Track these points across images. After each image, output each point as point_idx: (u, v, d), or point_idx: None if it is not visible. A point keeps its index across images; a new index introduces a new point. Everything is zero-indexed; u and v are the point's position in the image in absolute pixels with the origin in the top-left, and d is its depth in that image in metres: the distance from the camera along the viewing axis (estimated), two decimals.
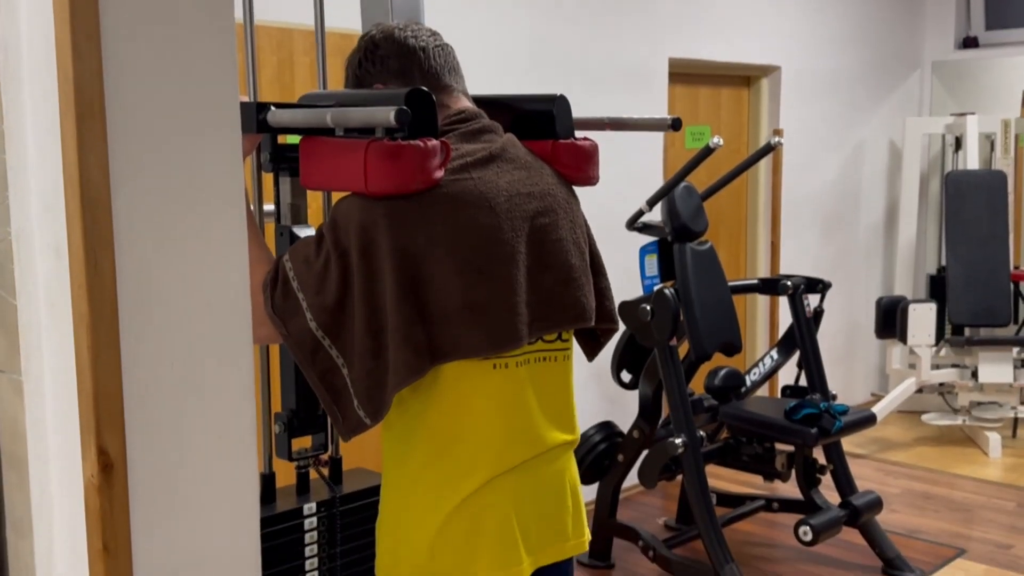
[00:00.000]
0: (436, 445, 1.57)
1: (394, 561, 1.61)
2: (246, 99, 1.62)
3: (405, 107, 1.38)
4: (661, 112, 4.73)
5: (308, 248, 1.52)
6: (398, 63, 1.64)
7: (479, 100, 1.74)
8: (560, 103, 1.71)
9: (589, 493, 4.04)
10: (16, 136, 1.20)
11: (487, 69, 3.93)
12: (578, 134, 1.77)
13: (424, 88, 1.50)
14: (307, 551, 1.91)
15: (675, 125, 1.83)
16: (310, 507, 1.91)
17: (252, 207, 1.79)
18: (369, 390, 1.49)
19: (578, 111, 1.79)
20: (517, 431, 1.60)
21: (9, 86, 1.20)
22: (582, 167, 1.73)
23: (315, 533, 1.92)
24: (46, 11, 1.11)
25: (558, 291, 1.62)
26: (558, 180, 1.69)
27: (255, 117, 1.55)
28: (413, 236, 1.47)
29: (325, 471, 1.99)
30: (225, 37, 1.20)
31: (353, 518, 1.97)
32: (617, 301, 3.57)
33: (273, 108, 1.56)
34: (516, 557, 1.60)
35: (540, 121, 1.72)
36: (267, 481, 1.91)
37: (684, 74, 4.94)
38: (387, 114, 1.37)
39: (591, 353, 1.82)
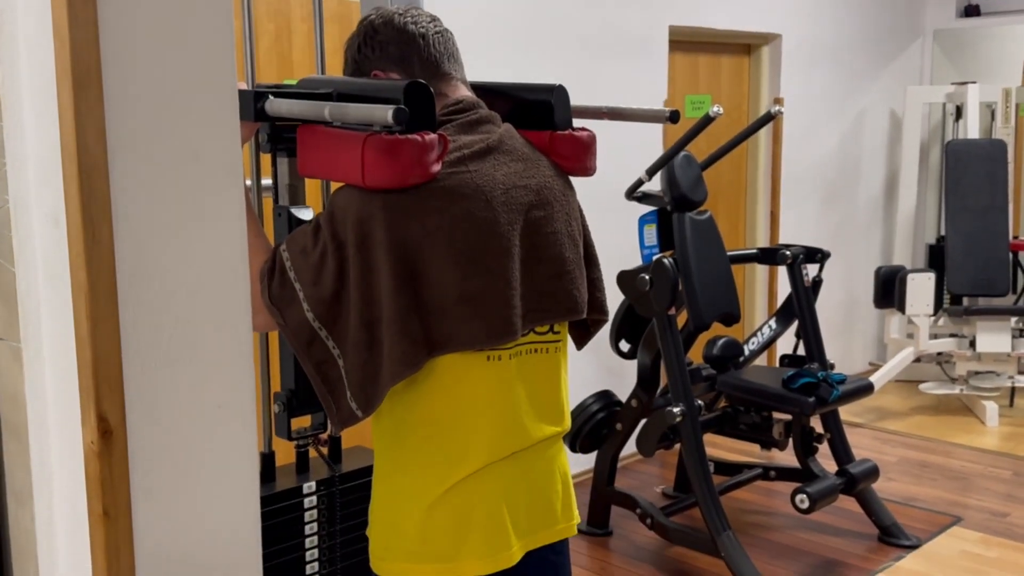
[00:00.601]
0: (427, 434, 1.58)
1: (386, 547, 1.63)
2: (244, 86, 1.61)
3: (403, 106, 1.38)
4: (661, 80, 4.71)
5: (305, 238, 1.52)
6: (397, 49, 1.63)
7: (478, 87, 1.73)
8: (559, 93, 1.71)
9: (587, 461, 4.06)
10: (13, 104, 1.20)
11: (486, 38, 3.90)
12: (576, 123, 1.77)
13: (422, 81, 1.50)
14: (307, 529, 1.92)
15: (673, 118, 1.82)
16: (310, 486, 1.92)
17: (251, 193, 1.79)
18: (363, 382, 1.50)
19: (577, 79, 1.79)
20: (508, 422, 1.61)
21: (6, 53, 1.20)
22: (580, 158, 1.73)
23: (315, 511, 1.93)
24: None
25: (552, 284, 1.63)
26: (555, 172, 1.69)
27: (253, 106, 1.55)
28: (410, 229, 1.48)
29: (324, 450, 2.00)
30: (222, 3, 1.19)
31: (352, 496, 1.99)
32: (616, 271, 3.57)
33: (271, 97, 1.56)
34: (506, 542, 1.61)
35: (538, 111, 1.71)
36: (267, 460, 1.92)
37: (684, 42, 4.91)
38: (385, 113, 1.37)
39: (580, 342, 1.83)
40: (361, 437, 2.79)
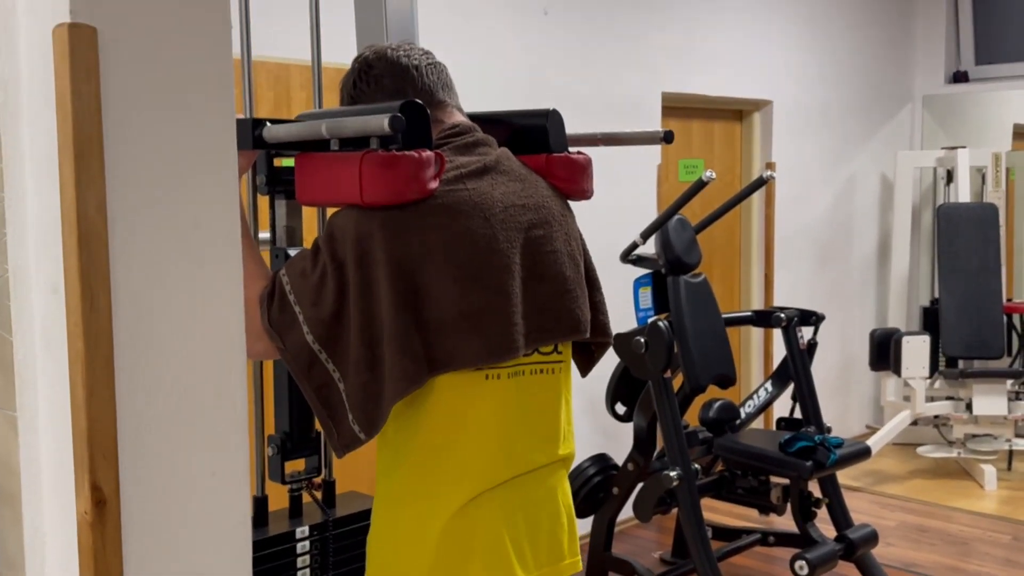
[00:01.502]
0: (426, 456, 1.57)
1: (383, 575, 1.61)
2: (242, 116, 1.63)
3: (399, 114, 1.39)
4: (655, 147, 4.76)
5: (304, 261, 1.52)
6: (392, 82, 1.65)
7: (473, 116, 1.76)
8: (553, 117, 1.73)
9: (584, 526, 4.02)
10: (15, 173, 1.21)
11: (483, 102, 3.95)
12: (571, 149, 1.79)
13: (418, 100, 1.52)
14: (299, 575, 1.90)
15: (667, 137, 1.84)
16: (302, 530, 1.90)
17: (247, 219, 1.79)
18: (364, 403, 1.49)
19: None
20: (509, 444, 1.59)
21: (8, 123, 1.21)
22: (576, 180, 1.74)
23: (307, 557, 1.91)
24: (46, 50, 1.12)
25: (553, 302, 1.63)
26: (553, 193, 1.70)
27: (251, 133, 1.56)
28: (408, 246, 1.48)
29: (318, 494, 1.99)
30: (223, 75, 1.21)
31: (346, 542, 1.96)
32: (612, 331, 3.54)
33: (268, 124, 1.57)
34: (509, 573, 1.59)
35: (534, 135, 1.73)
36: (259, 504, 1.90)
37: (677, 108, 4.98)
38: (381, 121, 1.38)
39: (585, 368, 1.82)
40: (355, 482, 2.76)
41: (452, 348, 1.50)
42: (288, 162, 1.81)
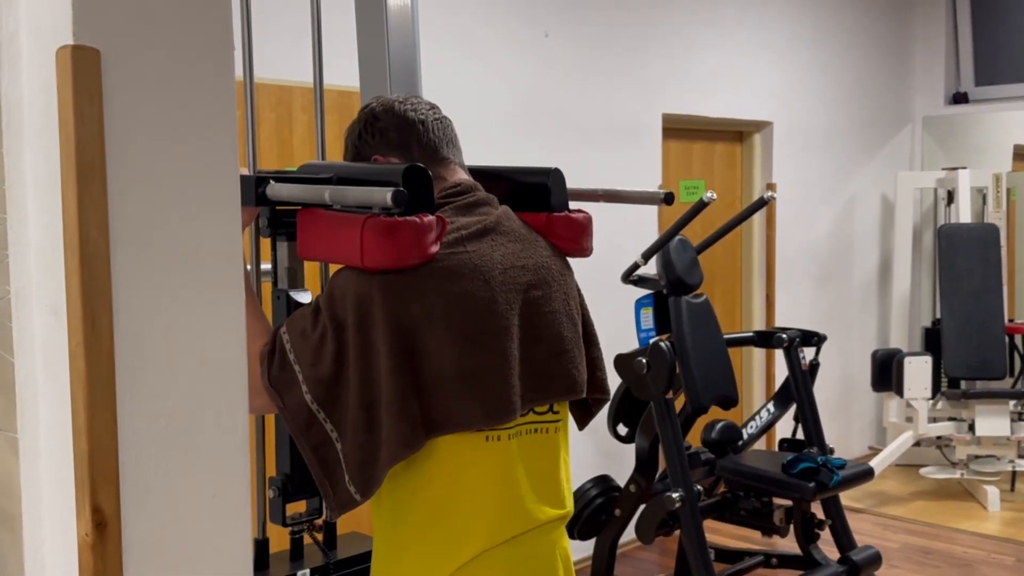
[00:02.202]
0: (427, 517, 1.56)
1: None
2: (245, 171, 1.64)
3: (402, 188, 1.40)
4: (656, 166, 4.78)
5: (305, 320, 1.53)
6: (397, 135, 1.66)
7: (475, 171, 1.76)
8: (555, 176, 1.74)
9: (585, 548, 4.00)
10: (17, 195, 1.22)
11: (483, 124, 3.97)
12: (572, 204, 1.79)
13: (421, 165, 1.52)
14: None
15: (667, 200, 1.85)
16: (304, 573, 1.89)
17: (250, 275, 1.80)
18: (361, 464, 1.49)
19: (573, 166, 1.82)
20: (509, 504, 1.59)
21: (11, 145, 1.22)
22: (577, 239, 1.74)
23: None
24: (49, 73, 1.13)
25: (551, 363, 1.63)
26: (552, 252, 1.70)
27: (254, 190, 1.57)
28: (408, 308, 1.48)
29: (319, 536, 1.98)
30: (226, 99, 1.22)
31: None
32: (613, 354, 3.57)
33: (272, 182, 1.58)
34: None
35: (535, 193, 1.74)
36: (261, 547, 1.89)
37: (678, 129, 5.00)
38: (384, 195, 1.39)
39: (582, 422, 1.82)
40: (357, 524, 2.75)
41: (450, 410, 1.50)
42: (292, 168, 1.82)
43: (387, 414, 1.47)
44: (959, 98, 6.37)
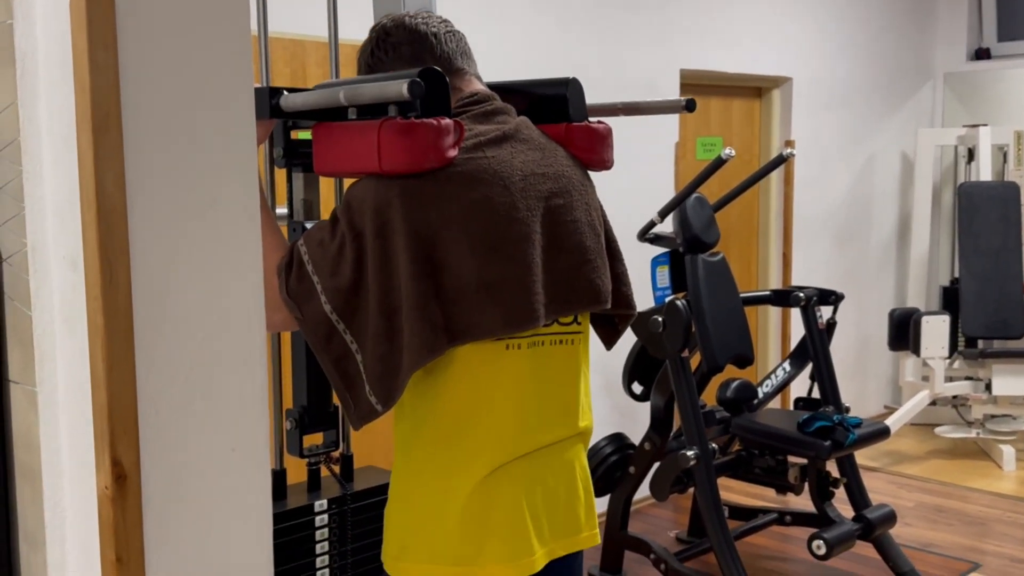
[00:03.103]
0: (446, 428, 1.56)
1: (402, 546, 1.60)
2: (259, 85, 1.62)
3: (418, 79, 1.37)
4: (673, 122, 4.73)
5: (323, 231, 1.51)
6: (410, 49, 1.64)
7: (492, 85, 1.74)
8: (573, 86, 1.71)
9: (600, 505, 4.02)
10: (32, 148, 1.21)
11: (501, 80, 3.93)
12: (591, 120, 1.76)
13: (436, 68, 1.50)
14: (318, 548, 1.90)
15: (689, 106, 1.81)
16: (321, 504, 1.90)
17: (265, 191, 1.79)
18: (381, 375, 1.48)
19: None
20: (528, 416, 1.58)
21: (26, 96, 1.21)
22: (596, 149, 1.72)
23: (326, 530, 1.91)
24: (63, 23, 1.11)
25: (573, 272, 1.61)
26: (572, 162, 1.68)
27: (268, 102, 1.55)
28: (427, 215, 1.47)
29: (336, 468, 1.99)
30: (241, 48, 1.20)
31: (364, 515, 1.97)
32: None
33: (286, 92, 1.56)
34: (528, 547, 1.58)
35: (554, 105, 1.71)
36: (278, 477, 1.90)
37: (696, 85, 4.94)
38: (399, 87, 1.36)
39: (609, 340, 1.80)
40: (371, 457, 2.76)
41: (471, 318, 1.49)
42: (305, 135, 1.80)
43: (408, 320, 1.46)
44: (981, 54, 6.27)
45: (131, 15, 1.10)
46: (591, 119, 1.74)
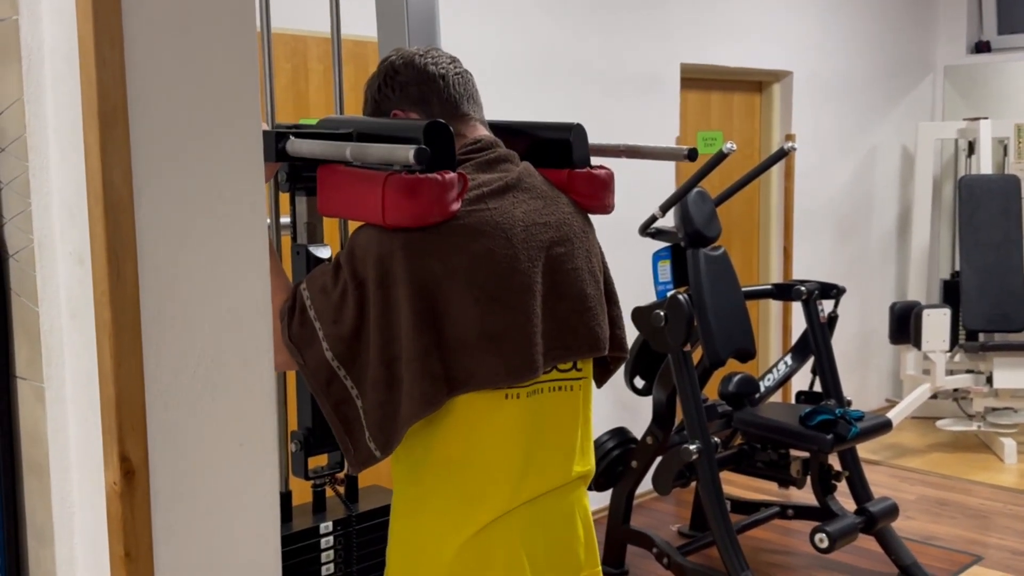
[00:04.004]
0: (445, 475, 1.56)
1: None
2: (265, 127, 1.63)
3: (424, 146, 1.38)
4: (673, 116, 4.73)
5: (325, 277, 1.52)
6: (417, 90, 1.64)
7: (496, 126, 1.74)
8: (577, 132, 1.71)
9: (602, 499, 4.03)
10: (38, 143, 1.21)
11: (502, 76, 3.93)
12: (593, 160, 1.77)
13: (442, 121, 1.50)
14: (323, 570, 1.91)
15: (691, 156, 1.82)
16: (326, 526, 1.91)
17: (270, 230, 1.79)
18: (381, 422, 1.49)
19: (591, 116, 1.79)
20: (530, 463, 1.58)
21: (32, 92, 1.20)
22: (598, 196, 1.72)
23: (331, 552, 1.92)
24: (69, 18, 1.11)
25: (573, 320, 1.62)
26: (574, 209, 1.68)
27: (274, 146, 1.56)
28: (430, 266, 1.47)
29: (341, 489, 1.99)
30: (247, 43, 1.20)
31: (369, 536, 1.97)
32: (631, 307, 3.56)
33: (292, 138, 1.57)
34: None
35: (556, 149, 1.72)
36: (283, 499, 1.91)
37: (696, 79, 4.94)
38: (406, 152, 1.37)
39: (600, 380, 1.81)
40: (377, 477, 2.77)
41: (472, 368, 1.49)
42: (310, 120, 1.80)
43: (408, 371, 1.47)
44: (981, 47, 6.26)
45: (137, 9, 1.10)
46: (593, 161, 1.75)
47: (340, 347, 1.49)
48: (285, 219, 1.88)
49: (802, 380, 4.36)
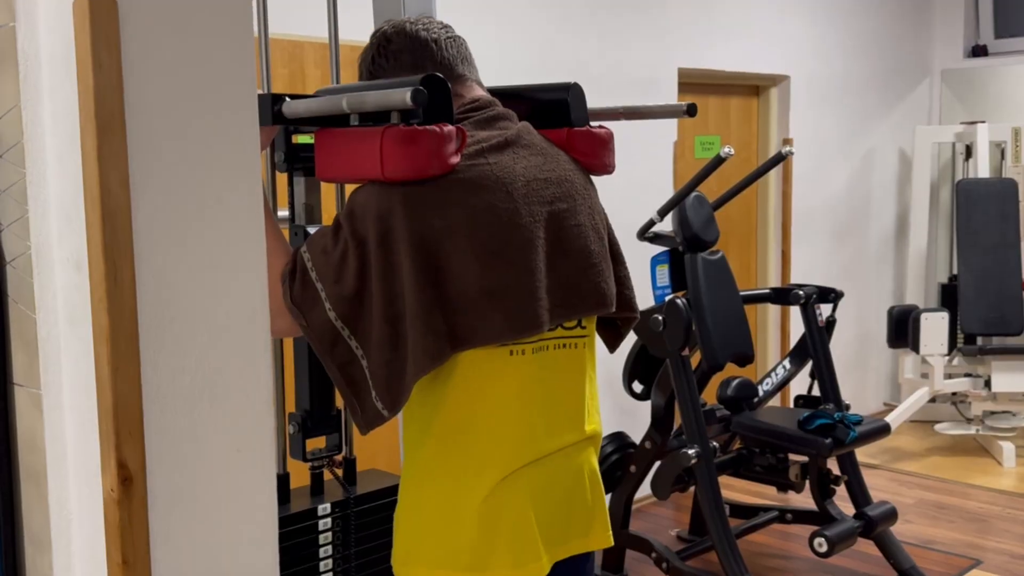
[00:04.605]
0: (452, 434, 1.56)
1: (408, 551, 1.60)
2: (261, 91, 1.62)
3: (421, 87, 1.37)
4: (670, 121, 4.73)
5: (325, 238, 1.51)
6: (411, 57, 1.63)
7: (493, 91, 1.73)
8: (574, 91, 1.71)
9: None
10: (36, 149, 1.20)
11: (499, 79, 3.92)
12: (592, 124, 1.77)
13: (438, 74, 1.50)
14: (322, 552, 1.90)
15: (690, 111, 1.81)
16: (324, 508, 1.90)
17: (267, 195, 1.78)
18: (387, 380, 1.48)
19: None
20: (535, 422, 1.58)
21: (29, 98, 1.20)
22: (598, 154, 1.72)
23: (329, 534, 1.91)
24: (66, 24, 1.11)
25: (578, 276, 1.61)
26: (575, 167, 1.68)
27: (271, 108, 1.55)
28: (430, 222, 1.47)
29: (339, 472, 1.99)
30: (243, 48, 1.20)
31: (367, 519, 1.97)
32: None
33: (288, 99, 1.56)
34: (535, 552, 1.58)
35: (555, 110, 1.71)
36: (281, 481, 1.90)
37: (693, 83, 4.94)
38: (403, 95, 1.36)
39: (612, 344, 1.80)
40: (375, 460, 2.76)
41: (475, 325, 1.49)
42: (306, 139, 1.80)
43: (412, 328, 1.46)
44: (978, 51, 6.27)
45: (134, 15, 1.10)
46: (592, 124, 1.74)
47: (343, 307, 1.48)
48: (283, 212, 1.88)
49: (800, 384, 4.36)
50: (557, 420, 1.62)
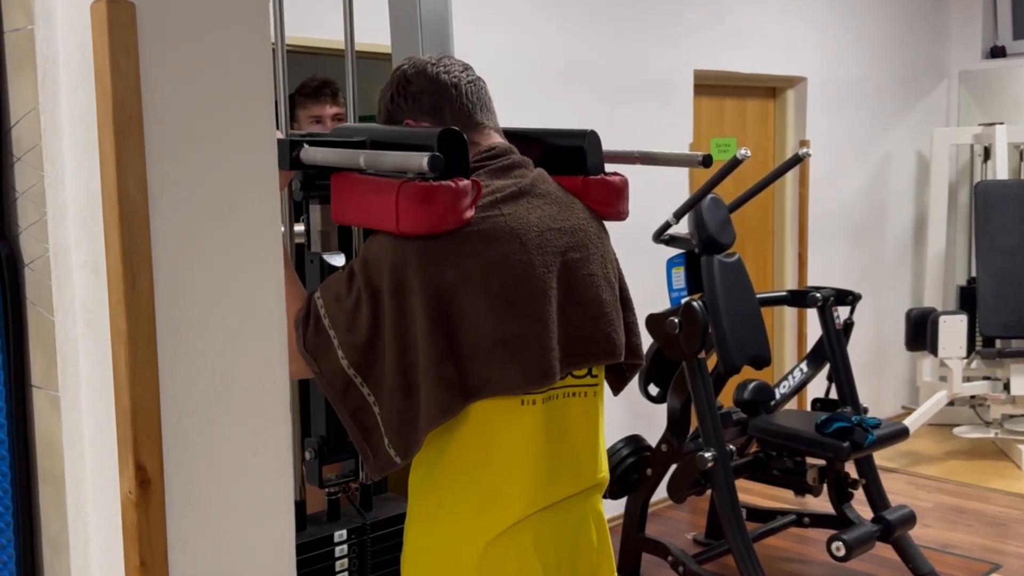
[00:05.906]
0: (460, 482, 1.56)
1: None
2: (279, 135, 1.63)
3: (438, 154, 1.38)
4: (687, 123, 4.72)
5: (339, 285, 1.52)
6: (430, 100, 1.64)
7: (509, 134, 1.73)
8: (591, 139, 1.71)
9: (617, 508, 4.01)
10: (54, 153, 1.21)
11: (514, 83, 3.93)
12: (607, 167, 1.77)
13: (456, 128, 1.50)
14: None
15: (705, 162, 1.82)
16: (341, 534, 1.91)
17: (285, 238, 1.80)
18: (400, 428, 1.49)
19: (604, 122, 1.79)
20: (543, 471, 1.57)
21: (47, 102, 1.21)
22: (612, 202, 1.72)
23: (346, 560, 1.91)
24: (84, 28, 1.11)
25: (589, 326, 1.61)
26: (589, 215, 1.68)
27: (288, 154, 1.56)
28: (444, 273, 1.47)
29: (356, 497, 1.99)
30: (261, 52, 1.20)
31: (383, 545, 1.97)
32: (645, 314, 3.55)
33: (306, 145, 1.57)
34: None
35: (570, 156, 1.72)
36: (298, 508, 1.90)
37: (709, 86, 4.93)
38: (420, 160, 1.37)
39: (617, 388, 1.81)
40: (392, 485, 2.76)
41: (488, 375, 1.49)
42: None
43: (424, 379, 1.47)
44: (996, 52, 6.23)
45: (152, 19, 1.10)
46: (607, 168, 1.75)
47: (355, 355, 1.49)
48: (300, 228, 1.88)
49: (818, 387, 4.33)
50: (564, 469, 1.61)
